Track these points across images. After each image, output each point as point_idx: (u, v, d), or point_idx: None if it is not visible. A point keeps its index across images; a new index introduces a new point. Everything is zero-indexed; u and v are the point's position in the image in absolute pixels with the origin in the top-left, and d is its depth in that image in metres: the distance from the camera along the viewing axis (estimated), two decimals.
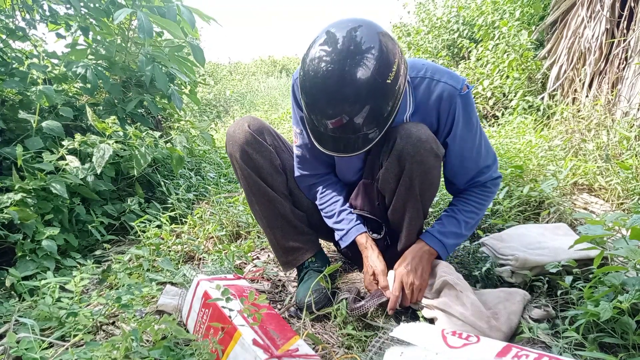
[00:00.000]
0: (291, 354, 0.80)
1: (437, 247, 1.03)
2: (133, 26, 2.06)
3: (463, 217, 1.05)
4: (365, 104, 0.79)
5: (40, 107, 1.68)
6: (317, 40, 0.80)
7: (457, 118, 0.96)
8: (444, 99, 0.95)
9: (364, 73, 0.76)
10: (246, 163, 1.09)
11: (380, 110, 0.81)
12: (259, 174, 1.10)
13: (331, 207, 1.14)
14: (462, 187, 1.08)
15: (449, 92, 0.94)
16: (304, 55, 0.84)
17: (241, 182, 1.13)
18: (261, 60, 12.48)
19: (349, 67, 0.76)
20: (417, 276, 0.99)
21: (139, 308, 1.10)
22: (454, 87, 0.94)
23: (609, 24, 2.40)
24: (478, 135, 1.00)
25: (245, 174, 1.10)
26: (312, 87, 0.80)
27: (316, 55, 0.79)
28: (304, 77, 0.82)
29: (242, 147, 1.08)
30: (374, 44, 0.77)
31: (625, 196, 1.61)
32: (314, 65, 0.79)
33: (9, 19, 1.87)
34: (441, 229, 1.05)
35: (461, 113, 0.96)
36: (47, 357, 0.85)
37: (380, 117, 0.83)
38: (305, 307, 1.06)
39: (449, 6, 4.52)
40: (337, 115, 0.80)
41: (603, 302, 0.79)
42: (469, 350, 0.73)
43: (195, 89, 2.83)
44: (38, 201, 1.43)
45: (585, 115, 2.25)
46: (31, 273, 1.30)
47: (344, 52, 0.76)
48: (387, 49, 0.78)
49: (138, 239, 1.65)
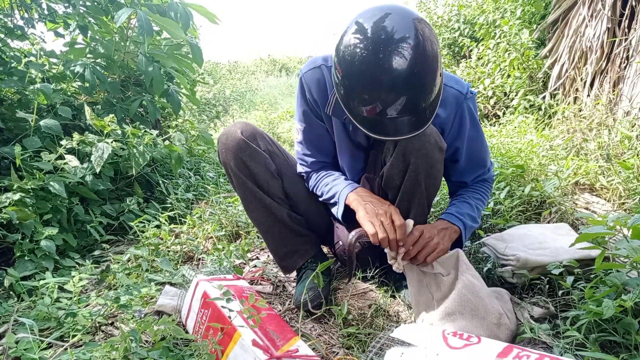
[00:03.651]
0: (291, 354, 0.79)
1: (459, 225, 1.02)
2: (132, 25, 2.05)
3: (474, 202, 1.08)
4: (435, 76, 0.78)
5: (39, 106, 1.67)
6: (362, 29, 0.76)
7: (465, 121, 1.01)
8: (450, 103, 0.98)
9: (425, 47, 0.75)
10: (241, 171, 1.07)
11: (437, 79, 0.80)
12: (255, 181, 1.09)
13: (324, 180, 1.11)
14: (470, 183, 1.13)
15: (456, 96, 0.98)
16: (348, 45, 0.77)
17: (237, 190, 1.12)
18: (260, 60, 12.47)
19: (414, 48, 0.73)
20: (439, 236, 0.97)
21: (138, 308, 1.09)
22: (460, 91, 0.98)
23: (611, 22, 2.39)
24: (483, 135, 1.06)
25: (240, 182, 1.09)
26: (374, 74, 0.75)
27: (374, 41, 0.74)
28: (359, 67, 0.76)
29: (235, 154, 1.06)
30: (420, 18, 0.77)
31: (627, 196, 1.60)
32: (372, 51, 0.74)
33: (8, 18, 1.87)
34: (458, 210, 1.05)
35: (468, 116, 1.01)
36: (46, 357, 0.85)
37: (437, 87, 0.81)
38: (302, 307, 1.05)
39: (450, 5, 4.50)
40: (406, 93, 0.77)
41: (606, 300, 0.78)
42: (469, 350, 0.72)
43: (194, 88, 2.82)
44: (37, 201, 1.42)
45: (586, 114, 2.24)
46: (30, 273, 1.29)
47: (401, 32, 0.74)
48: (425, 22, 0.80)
49: (137, 239, 1.65)
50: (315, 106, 1.06)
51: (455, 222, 1.02)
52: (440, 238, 0.97)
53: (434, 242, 0.95)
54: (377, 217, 0.94)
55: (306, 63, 1.08)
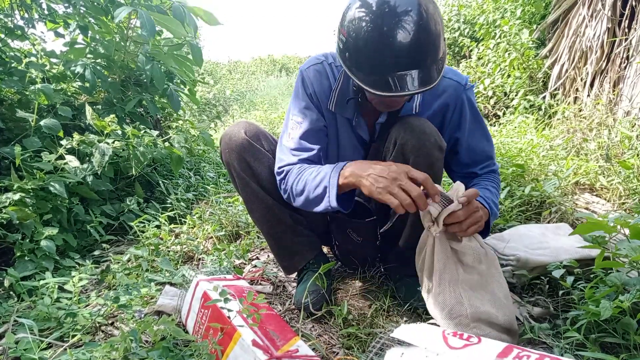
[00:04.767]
0: (291, 354, 0.79)
1: (488, 208, 0.95)
2: (132, 25, 2.05)
3: (495, 191, 1.03)
4: (440, 35, 0.81)
5: (39, 106, 1.67)
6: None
7: (465, 111, 1.02)
8: (450, 95, 0.99)
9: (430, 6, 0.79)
10: (244, 171, 1.06)
11: (442, 38, 0.84)
12: (258, 182, 1.07)
13: (309, 170, 0.99)
14: (480, 173, 1.09)
15: (455, 87, 0.99)
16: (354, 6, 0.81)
17: (239, 191, 1.11)
18: (260, 60, 12.47)
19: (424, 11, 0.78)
20: (483, 212, 0.90)
21: (138, 308, 1.09)
22: (459, 82, 0.99)
23: (611, 22, 2.39)
24: (484, 125, 1.06)
25: (243, 183, 1.08)
26: (381, 29, 0.78)
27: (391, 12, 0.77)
28: (366, 24, 0.79)
29: (239, 154, 1.05)
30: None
31: (627, 196, 1.60)
32: (379, 8, 0.77)
33: (8, 18, 1.87)
34: (484, 194, 0.98)
35: (468, 106, 1.02)
36: (46, 357, 0.85)
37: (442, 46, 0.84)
38: (303, 308, 1.05)
39: (450, 5, 4.50)
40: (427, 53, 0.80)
41: (604, 301, 0.78)
42: (470, 350, 0.72)
43: (194, 88, 2.82)
44: (37, 201, 1.42)
45: (586, 114, 2.24)
46: (30, 273, 1.29)
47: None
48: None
49: (137, 239, 1.65)
50: (317, 101, 1.05)
51: (485, 204, 0.95)
52: (483, 213, 0.90)
53: (479, 214, 0.87)
54: (392, 183, 0.81)
55: (307, 60, 1.08)
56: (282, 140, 1.06)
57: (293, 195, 1.00)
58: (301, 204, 0.99)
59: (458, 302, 0.88)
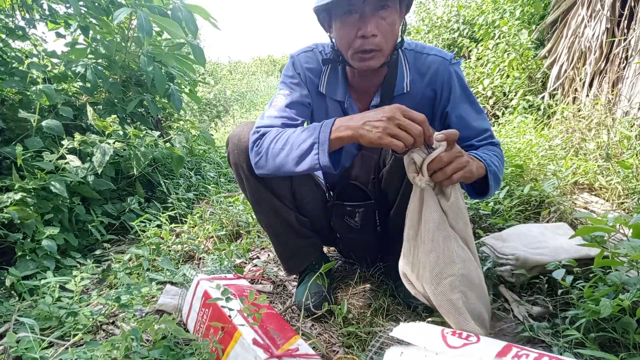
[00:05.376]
0: (291, 353, 0.80)
1: (484, 162, 0.88)
2: (133, 25, 2.06)
3: (494, 155, 0.95)
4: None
5: (40, 106, 1.68)
6: None
7: (454, 85, 1.01)
8: (437, 70, 1.00)
9: None
10: (253, 173, 1.01)
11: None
12: (267, 184, 1.05)
13: (289, 130, 0.92)
14: (477, 144, 1.03)
15: (440, 62, 1.01)
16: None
17: (247, 192, 1.08)
18: (260, 60, 12.48)
19: None
20: (469, 157, 0.83)
21: (139, 308, 1.10)
22: (444, 58, 1.01)
23: (610, 23, 2.40)
24: (474, 98, 1.04)
25: (252, 185, 1.04)
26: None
27: None
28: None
29: (249, 156, 1.00)
30: None
31: (626, 195, 1.60)
32: None
33: (9, 19, 1.87)
34: (480, 153, 0.92)
35: (456, 80, 1.01)
36: (47, 356, 0.85)
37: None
38: (303, 307, 1.06)
39: (449, 5, 4.51)
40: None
41: (604, 299, 0.79)
42: (469, 349, 0.73)
43: (195, 88, 2.82)
44: (38, 200, 1.43)
45: (585, 114, 2.24)
46: (31, 272, 1.30)
47: None
48: None
49: (138, 239, 1.65)
50: (306, 82, 1.05)
51: (479, 158, 0.88)
52: (470, 159, 0.84)
53: (464, 159, 0.81)
54: (390, 123, 0.77)
55: (298, 50, 1.11)
56: (265, 112, 1.01)
57: (267, 157, 0.92)
58: (275, 166, 0.91)
59: (451, 261, 0.81)
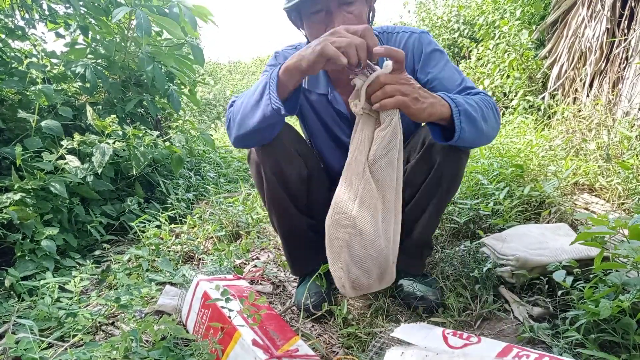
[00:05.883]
0: (291, 354, 0.79)
1: (447, 101, 0.80)
2: (132, 25, 2.06)
3: (468, 98, 0.86)
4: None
5: (40, 106, 1.67)
6: None
7: (427, 50, 1.03)
8: (406, 43, 1.04)
9: None
10: (275, 174, 0.99)
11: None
12: (286, 188, 1.03)
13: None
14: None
15: (409, 36, 1.05)
16: None
17: (265, 192, 1.04)
18: (260, 60, 12.48)
19: None
20: (421, 90, 0.76)
21: (139, 308, 1.10)
22: (412, 32, 1.06)
23: (610, 23, 2.40)
24: (449, 61, 1.05)
25: (272, 187, 1.01)
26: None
27: None
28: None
29: (273, 157, 0.97)
30: None
31: (626, 196, 1.60)
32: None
33: (8, 19, 1.87)
34: (447, 94, 0.84)
35: (426, 45, 1.03)
36: (47, 357, 0.85)
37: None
38: (303, 309, 1.06)
39: (450, 5, 4.51)
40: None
41: (604, 300, 0.79)
42: (469, 350, 0.73)
43: (194, 88, 2.82)
44: (37, 201, 1.43)
45: (586, 115, 2.24)
46: (30, 273, 1.29)
47: None
48: None
49: (137, 239, 1.65)
50: None
51: (442, 97, 0.80)
52: (421, 91, 0.76)
53: (410, 87, 0.74)
54: (331, 35, 0.73)
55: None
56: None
57: (234, 118, 0.90)
58: (239, 124, 0.89)
59: (349, 200, 0.74)
